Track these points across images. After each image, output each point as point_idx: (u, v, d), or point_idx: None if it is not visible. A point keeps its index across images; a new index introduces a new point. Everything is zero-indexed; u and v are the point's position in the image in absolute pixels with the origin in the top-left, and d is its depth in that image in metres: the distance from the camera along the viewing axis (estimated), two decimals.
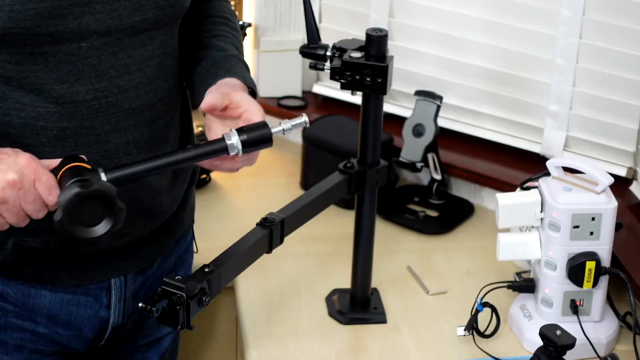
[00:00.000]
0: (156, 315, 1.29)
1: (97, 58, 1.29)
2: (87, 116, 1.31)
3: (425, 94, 1.96)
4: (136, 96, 1.35)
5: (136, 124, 1.36)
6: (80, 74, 1.29)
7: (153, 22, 1.33)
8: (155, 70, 1.37)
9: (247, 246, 1.42)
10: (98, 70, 1.30)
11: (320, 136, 2.06)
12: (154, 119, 1.39)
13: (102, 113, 1.32)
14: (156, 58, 1.36)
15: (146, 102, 1.37)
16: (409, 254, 1.89)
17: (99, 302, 1.46)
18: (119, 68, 1.32)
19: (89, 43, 1.28)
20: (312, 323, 1.68)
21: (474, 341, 1.62)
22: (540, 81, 1.96)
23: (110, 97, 1.32)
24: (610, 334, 1.62)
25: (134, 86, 1.34)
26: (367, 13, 2.14)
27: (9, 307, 1.41)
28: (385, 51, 1.53)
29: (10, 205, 1.18)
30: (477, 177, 2.04)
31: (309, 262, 1.86)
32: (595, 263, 1.55)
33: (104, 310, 1.47)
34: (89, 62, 1.29)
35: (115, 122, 1.34)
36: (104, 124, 1.33)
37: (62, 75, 1.28)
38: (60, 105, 1.29)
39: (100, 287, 1.45)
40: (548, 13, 1.91)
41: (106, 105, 1.32)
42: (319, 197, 1.55)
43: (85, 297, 1.44)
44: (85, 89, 1.30)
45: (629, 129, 1.88)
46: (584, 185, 1.58)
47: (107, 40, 1.29)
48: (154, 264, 1.51)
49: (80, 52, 1.28)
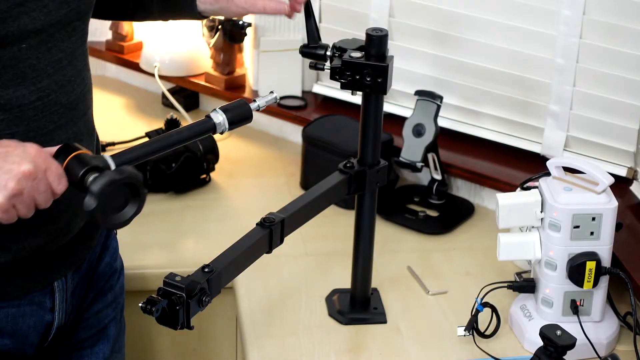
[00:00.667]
0: (156, 316, 1.29)
1: (36, 57, 1.30)
2: (33, 118, 1.32)
3: (425, 94, 1.96)
4: (71, 90, 1.37)
5: (73, 118, 1.38)
6: (23, 76, 1.30)
7: (77, 13, 1.36)
8: (81, 61, 1.39)
9: (247, 246, 1.42)
10: (38, 70, 1.31)
11: (320, 136, 2.06)
12: (85, 110, 1.42)
13: (46, 112, 1.33)
14: (80, 48, 1.39)
15: (79, 94, 1.39)
16: (409, 254, 1.89)
17: (43, 307, 1.46)
18: (54, 64, 1.33)
19: (27, 43, 1.29)
20: (312, 323, 1.68)
21: (474, 341, 1.61)
22: (541, 81, 1.96)
23: (51, 95, 1.34)
24: (610, 334, 1.62)
25: (67, 80, 1.36)
26: (367, 13, 2.14)
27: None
28: (385, 51, 1.53)
29: (25, 197, 1.18)
30: (477, 177, 2.04)
31: (309, 262, 1.86)
32: (596, 263, 1.55)
33: (48, 315, 1.47)
34: (29, 62, 1.30)
35: (57, 119, 1.35)
36: (48, 123, 1.34)
37: (6, 80, 1.28)
38: (7, 111, 1.29)
39: (43, 293, 1.45)
40: (548, 13, 1.90)
41: (49, 103, 1.33)
42: (319, 197, 1.55)
43: (30, 307, 1.44)
44: (29, 91, 1.31)
45: (629, 129, 1.88)
46: (585, 185, 1.58)
47: (42, 38, 1.30)
48: (85, 260, 1.53)
49: (20, 54, 1.28)
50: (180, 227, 1.98)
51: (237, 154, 2.26)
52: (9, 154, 1.19)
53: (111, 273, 1.60)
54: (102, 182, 1.18)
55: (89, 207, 1.19)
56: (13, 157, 1.18)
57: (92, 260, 1.56)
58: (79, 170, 1.20)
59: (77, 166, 1.21)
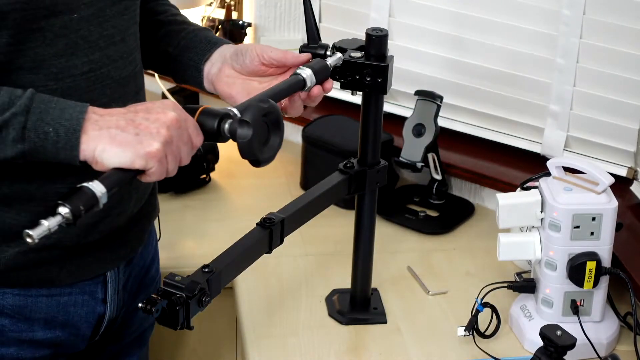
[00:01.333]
0: (156, 316, 1.29)
1: (87, 29, 1.30)
2: (86, 89, 1.32)
3: (425, 94, 1.96)
4: (123, 66, 1.37)
5: (125, 95, 1.38)
6: (75, 46, 1.30)
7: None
8: (133, 40, 1.40)
9: (247, 246, 1.42)
10: (90, 42, 1.31)
11: (320, 136, 2.06)
12: (137, 89, 1.42)
13: (98, 85, 1.33)
14: (132, 28, 1.39)
15: (130, 72, 1.39)
16: (409, 254, 1.89)
17: (95, 298, 1.46)
18: (106, 38, 1.33)
19: (79, 15, 1.29)
20: (312, 323, 1.68)
21: (474, 341, 1.61)
22: (541, 81, 1.96)
23: (103, 69, 1.33)
24: (610, 334, 1.62)
25: (120, 56, 1.36)
26: (367, 13, 2.14)
27: (5, 322, 1.40)
28: (385, 51, 1.53)
29: (174, 146, 1.19)
30: (477, 177, 2.04)
31: (309, 262, 1.86)
32: (596, 263, 1.55)
33: (100, 306, 1.47)
34: (81, 33, 1.30)
35: (110, 93, 1.35)
36: (101, 96, 1.33)
37: (59, 49, 1.28)
38: (60, 80, 1.29)
39: (95, 282, 1.45)
40: (548, 13, 1.90)
41: (100, 76, 1.33)
42: (319, 197, 1.55)
43: (82, 296, 1.44)
44: (81, 62, 1.31)
45: (630, 129, 1.88)
46: (585, 185, 1.58)
47: (92, 11, 1.31)
48: (137, 253, 1.53)
49: (72, 25, 1.29)
50: (180, 227, 1.98)
51: (237, 154, 2.24)
52: (150, 108, 1.21)
53: (157, 279, 1.62)
54: (252, 111, 1.23)
55: (246, 137, 1.22)
56: (156, 108, 1.21)
57: (145, 261, 1.57)
58: (213, 121, 1.24)
59: (209, 118, 1.24)
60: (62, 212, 1.12)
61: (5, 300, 1.39)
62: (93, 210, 1.15)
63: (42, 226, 1.11)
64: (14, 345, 1.41)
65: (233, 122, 1.24)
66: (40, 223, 1.11)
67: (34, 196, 1.33)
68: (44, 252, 1.37)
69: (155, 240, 1.64)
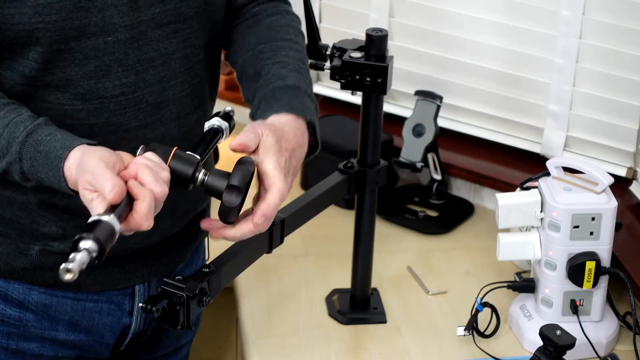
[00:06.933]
0: (156, 316, 1.29)
1: (124, 52, 1.28)
2: (115, 112, 1.30)
3: (425, 94, 1.96)
4: (161, 90, 1.33)
5: (162, 119, 1.35)
6: (107, 69, 1.27)
7: (175, 14, 1.31)
8: (181, 64, 1.35)
9: (247, 246, 1.42)
10: (125, 65, 1.28)
11: (320, 136, 2.06)
12: (181, 114, 1.37)
13: (130, 108, 1.31)
14: (181, 51, 1.34)
15: (172, 96, 1.35)
16: (409, 254, 1.89)
17: (122, 309, 1.46)
18: (144, 62, 1.30)
19: (114, 37, 1.26)
20: (312, 323, 1.68)
21: (474, 341, 1.62)
22: (540, 81, 1.96)
23: (137, 92, 1.31)
24: (610, 334, 1.62)
25: (159, 80, 1.32)
26: (367, 13, 2.14)
27: (29, 317, 1.40)
28: (385, 51, 1.53)
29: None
30: (477, 177, 2.04)
31: (309, 262, 1.86)
32: (595, 263, 1.56)
33: (126, 317, 1.47)
34: (115, 56, 1.27)
35: (142, 117, 1.32)
36: (132, 120, 1.31)
37: (88, 71, 1.26)
38: (87, 102, 1.28)
39: (123, 294, 1.45)
40: (548, 13, 1.91)
41: (133, 100, 1.31)
42: (319, 197, 1.55)
43: (108, 305, 1.44)
44: (112, 85, 1.28)
45: (629, 129, 1.88)
46: (584, 185, 1.58)
47: (132, 34, 1.28)
48: (176, 270, 1.51)
49: (106, 47, 1.26)
50: None
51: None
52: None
53: None
54: (241, 175, 1.24)
55: (234, 204, 1.22)
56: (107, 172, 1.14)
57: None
58: (188, 169, 1.22)
59: (182, 165, 1.21)
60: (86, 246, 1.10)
61: (31, 296, 1.39)
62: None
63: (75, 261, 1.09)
64: (35, 341, 1.42)
65: (234, 172, 1.20)
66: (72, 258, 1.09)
67: (57, 205, 1.34)
68: (66, 257, 1.37)
69: (202, 261, 1.62)
